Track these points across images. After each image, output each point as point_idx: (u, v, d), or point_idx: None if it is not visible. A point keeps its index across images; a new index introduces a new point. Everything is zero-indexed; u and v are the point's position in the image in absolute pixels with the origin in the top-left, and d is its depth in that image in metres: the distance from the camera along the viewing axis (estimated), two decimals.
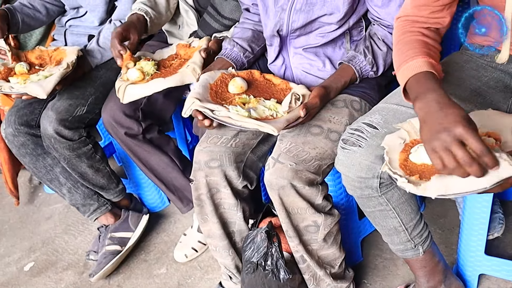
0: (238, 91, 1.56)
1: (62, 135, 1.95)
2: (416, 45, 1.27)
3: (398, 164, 1.19)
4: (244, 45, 1.77)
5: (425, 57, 1.21)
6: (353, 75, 1.60)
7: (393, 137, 1.26)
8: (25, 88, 1.79)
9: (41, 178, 2.16)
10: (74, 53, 1.93)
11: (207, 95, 1.51)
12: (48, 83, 1.80)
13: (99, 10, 2.09)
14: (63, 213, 2.62)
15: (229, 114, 1.42)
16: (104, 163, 2.14)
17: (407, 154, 1.20)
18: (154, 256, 2.21)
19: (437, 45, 1.33)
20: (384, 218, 1.46)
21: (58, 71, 1.84)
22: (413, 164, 1.18)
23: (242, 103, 1.50)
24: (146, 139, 1.99)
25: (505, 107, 1.38)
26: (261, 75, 1.63)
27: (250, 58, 1.79)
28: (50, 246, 2.43)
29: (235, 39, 1.77)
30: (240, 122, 1.40)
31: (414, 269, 1.58)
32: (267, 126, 1.38)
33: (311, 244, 1.59)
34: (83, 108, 1.97)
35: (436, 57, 1.28)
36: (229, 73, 1.62)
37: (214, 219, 1.66)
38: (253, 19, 1.81)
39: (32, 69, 1.96)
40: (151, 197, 2.43)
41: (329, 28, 1.59)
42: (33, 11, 2.17)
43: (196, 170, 1.63)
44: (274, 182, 1.48)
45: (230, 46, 1.76)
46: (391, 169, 1.17)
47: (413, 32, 1.32)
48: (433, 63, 1.20)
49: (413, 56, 1.23)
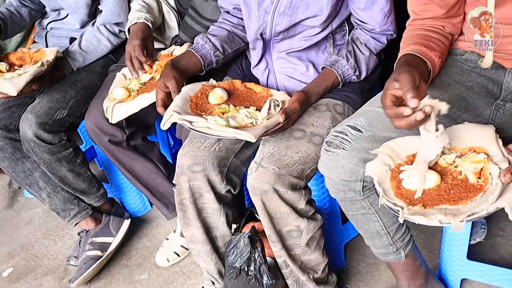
0: (218, 101, 1.56)
1: (41, 138, 1.92)
2: (416, 38, 1.35)
3: (393, 193, 1.18)
4: (217, 44, 1.74)
5: (416, 45, 1.30)
6: (335, 80, 1.61)
7: (376, 165, 1.24)
8: None
9: (20, 183, 2.13)
10: (52, 53, 1.91)
11: (186, 107, 1.52)
12: (20, 80, 1.78)
13: (81, 13, 2.07)
14: (43, 218, 2.58)
15: (207, 125, 1.43)
16: (85, 167, 2.12)
17: (397, 181, 1.20)
18: (136, 261, 2.19)
19: (443, 39, 1.38)
20: (366, 222, 1.46)
21: (32, 69, 1.82)
22: (407, 191, 1.17)
23: (222, 112, 1.50)
24: (130, 146, 1.97)
25: (488, 112, 1.39)
26: (242, 84, 1.64)
27: (220, 58, 1.76)
28: (30, 252, 2.39)
29: (209, 36, 1.75)
30: (218, 131, 1.42)
31: (395, 273, 1.59)
32: (244, 134, 1.39)
33: (294, 249, 1.58)
34: (63, 111, 1.95)
35: (432, 46, 1.33)
36: (210, 84, 1.63)
37: (197, 223, 1.65)
38: (232, 21, 1.80)
39: (12, 69, 1.94)
40: (133, 201, 2.41)
41: (312, 32, 1.59)
42: (20, 19, 2.16)
43: (179, 174, 1.61)
44: (257, 187, 1.48)
45: (202, 41, 1.74)
46: (389, 200, 1.15)
47: (419, 29, 1.39)
48: (421, 49, 1.29)
49: (410, 44, 1.32)
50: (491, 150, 1.18)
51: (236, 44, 1.79)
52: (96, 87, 2.02)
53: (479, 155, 1.16)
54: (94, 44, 2.03)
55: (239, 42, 1.79)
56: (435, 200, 1.13)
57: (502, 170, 1.11)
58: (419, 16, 1.40)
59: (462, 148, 1.22)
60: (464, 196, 1.11)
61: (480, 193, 1.10)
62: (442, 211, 1.09)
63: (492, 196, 1.07)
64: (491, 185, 1.10)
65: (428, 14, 1.38)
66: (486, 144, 1.19)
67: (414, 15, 1.42)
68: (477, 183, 1.13)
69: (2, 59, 1.98)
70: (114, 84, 1.89)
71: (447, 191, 1.14)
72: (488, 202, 1.07)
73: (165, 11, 2.00)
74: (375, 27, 1.58)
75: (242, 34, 1.79)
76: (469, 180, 1.14)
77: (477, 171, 1.14)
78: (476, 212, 1.07)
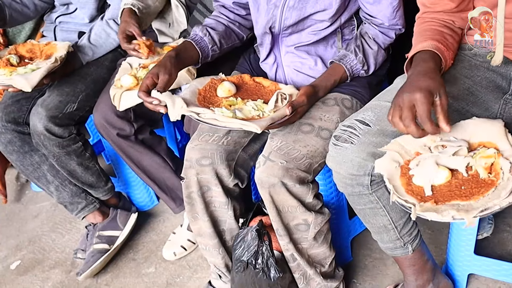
0: (226, 94, 1.57)
1: (52, 132, 1.93)
2: (432, 33, 1.35)
3: (404, 190, 1.17)
4: (215, 38, 1.71)
5: (434, 41, 1.30)
6: (343, 74, 1.61)
7: (385, 162, 1.24)
8: (10, 80, 1.79)
9: (28, 176, 2.14)
10: (64, 48, 1.92)
11: (194, 99, 1.53)
12: (34, 76, 1.79)
13: (89, 7, 2.07)
14: (51, 211, 2.60)
15: (215, 116, 1.44)
16: (94, 161, 2.13)
17: (407, 177, 1.20)
18: (143, 255, 2.20)
19: (456, 36, 1.39)
20: (374, 216, 1.46)
21: (45, 65, 1.83)
22: (418, 188, 1.17)
23: (229, 105, 1.51)
24: (138, 140, 1.98)
25: (496, 107, 1.39)
26: (251, 79, 1.64)
27: (216, 53, 1.73)
28: (37, 245, 2.40)
29: (208, 29, 1.71)
30: (224, 123, 1.42)
31: (403, 268, 1.59)
32: (250, 125, 1.40)
33: (301, 243, 1.59)
34: (73, 105, 1.96)
35: (448, 44, 1.33)
36: (218, 78, 1.63)
37: (204, 217, 1.66)
38: (229, 16, 1.77)
39: (22, 62, 1.94)
40: (140, 195, 2.42)
41: (321, 26, 1.59)
42: (21, 6, 2.15)
43: (187, 168, 1.62)
44: (265, 180, 1.48)
45: (201, 33, 1.70)
46: (400, 197, 1.15)
47: (432, 23, 1.39)
48: (439, 47, 1.29)
49: (427, 39, 1.32)
50: (501, 145, 1.17)
51: (232, 40, 1.78)
52: (105, 81, 2.02)
53: (489, 150, 1.16)
54: (103, 38, 2.04)
55: (235, 39, 1.79)
56: (447, 196, 1.12)
57: None
58: (429, 9, 1.40)
59: (472, 143, 1.22)
60: (475, 191, 1.11)
61: (491, 188, 1.10)
62: (455, 207, 1.08)
63: (504, 191, 1.07)
64: (502, 180, 1.10)
65: (439, 7, 1.38)
66: (495, 139, 1.19)
67: (424, 8, 1.41)
68: (488, 178, 1.13)
69: (11, 51, 1.99)
70: (120, 72, 1.90)
71: (458, 187, 1.14)
72: (501, 197, 1.07)
73: (174, 5, 2.00)
74: (384, 22, 1.58)
75: (237, 31, 1.78)
76: (480, 176, 1.14)
77: (487, 166, 1.14)
78: (489, 207, 1.07)
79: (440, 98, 1.13)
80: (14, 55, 1.93)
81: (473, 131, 1.23)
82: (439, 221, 1.10)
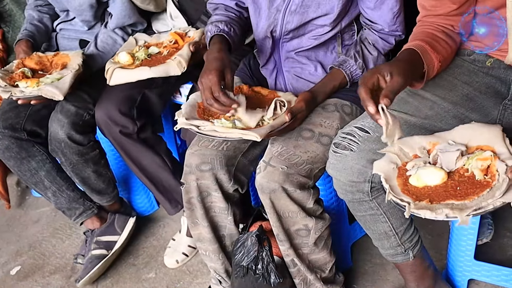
0: None
1: (73, 139, 1.94)
2: (423, 35, 1.35)
3: (400, 190, 1.18)
4: (228, 26, 1.64)
5: (421, 41, 1.31)
6: (343, 79, 1.61)
7: (383, 163, 1.24)
8: (39, 91, 1.79)
9: (26, 181, 2.14)
10: (79, 56, 1.94)
11: (194, 113, 1.54)
12: (64, 84, 1.81)
13: (86, 15, 2.07)
14: (51, 217, 2.59)
15: (214, 128, 1.45)
16: (107, 168, 2.15)
17: (404, 178, 1.20)
18: (143, 260, 2.20)
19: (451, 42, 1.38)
20: (374, 223, 1.46)
21: (70, 72, 1.85)
22: (414, 188, 1.17)
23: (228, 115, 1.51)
24: (140, 139, 1.97)
25: (495, 113, 1.39)
26: (249, 89, 1.64)
27: (235, 40, 1.65)
28: (37, 250, 2.40)
29: (216, 22, 1.65)
30: (224, 133, 1.44)
31: (404, 274, 1.59)
32: (250, 134, 1.41)
33: (301, 248, 1.59)
34: (91, 112, 1.97)
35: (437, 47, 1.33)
36: None
37: (204, 222, 1.66)
38: (227, 15, 1.73)
39: (36, 74, 1.94)
40: (140, 200, 2.42)
41: (321, 31, 1.60)
42: (45, 29, 2.20)
43: (187, 173, 1.62)
44: (266, 186, 1.48)
45: (215, 28, 1.63)
46: (395, 196, 1.16)
47: (428, 27, 1.38)
48: (424, 47, 1.29)
49: (415, 39, 1.33)
50: (498, 148, 1.18)
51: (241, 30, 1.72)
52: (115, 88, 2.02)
53: (486, 153, 1.17)
54: (110, 44, 2.05)
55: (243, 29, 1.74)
56: (442, 196, 1.13)
57: (509, 167, 1.11)
58: (430, 12, 1.39)
59: (470, 146, 1.22)
60: (471, 192, 1.12)
61: (486, 189, 1.11)
62: (449, 206, 1.09)
63: (499, 191, 1.07)
64: (498, 182, 1.10)
65: (439, 10, 1.37)
66: (493, 143, 1.20)
67: (424, 11, 1.41)
68: (484, 179, 1.13)
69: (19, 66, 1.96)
70: (124, 46, 1.93)
71: (454, 188, 1.14)
72: (495, 196, 1.07)
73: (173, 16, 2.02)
74: (384, 27, 1.58)
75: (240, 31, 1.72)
76: (476, 177, 1.15)
77: (484, 168, 1.15)
78: (482, 206, 1.07)
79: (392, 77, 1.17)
80: (26, 69, 1.92)
81: (471, 135, 1.24)
82: (433, 219, 1.10)
